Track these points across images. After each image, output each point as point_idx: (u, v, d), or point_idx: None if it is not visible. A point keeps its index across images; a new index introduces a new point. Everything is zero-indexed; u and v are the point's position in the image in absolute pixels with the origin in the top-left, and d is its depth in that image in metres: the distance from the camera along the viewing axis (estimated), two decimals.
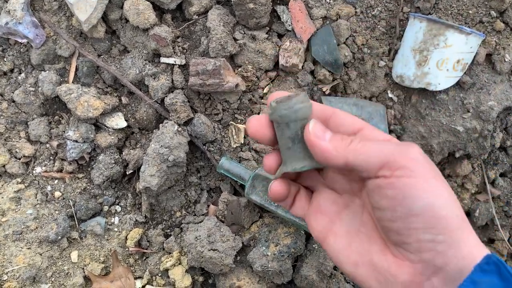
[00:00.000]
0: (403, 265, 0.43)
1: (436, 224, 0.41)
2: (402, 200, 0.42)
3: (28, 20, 1.04)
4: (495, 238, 1.12)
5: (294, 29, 1.02)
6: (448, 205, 0.42)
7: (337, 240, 0.50)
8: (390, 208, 0.43)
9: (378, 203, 0.45)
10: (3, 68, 1.10)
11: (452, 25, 0.94)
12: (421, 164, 0.43)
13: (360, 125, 0.50)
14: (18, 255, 1.02)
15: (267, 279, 1.05)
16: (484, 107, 1.00)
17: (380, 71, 1.06)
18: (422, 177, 0.42)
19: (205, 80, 1.00)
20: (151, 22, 1.01)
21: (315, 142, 0.47)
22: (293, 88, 1.05)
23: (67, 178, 1.10)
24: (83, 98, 1.03)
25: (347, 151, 0.45)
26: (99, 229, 1.08)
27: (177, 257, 1.07)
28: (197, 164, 1.13)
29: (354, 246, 0.49)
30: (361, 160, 0.44)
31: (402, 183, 0.42)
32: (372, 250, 0.47)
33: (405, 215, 0.42)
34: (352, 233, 0.50)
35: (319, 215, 0.53)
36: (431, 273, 0.42)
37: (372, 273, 0.46)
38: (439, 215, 0.41)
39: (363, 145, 0.45)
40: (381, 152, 0.44)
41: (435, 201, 0.41)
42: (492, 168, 1.10)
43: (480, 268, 0.40)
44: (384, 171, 0.43)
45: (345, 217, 0.52)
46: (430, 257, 0.42)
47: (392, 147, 0.44)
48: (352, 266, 0.48)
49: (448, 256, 0.41)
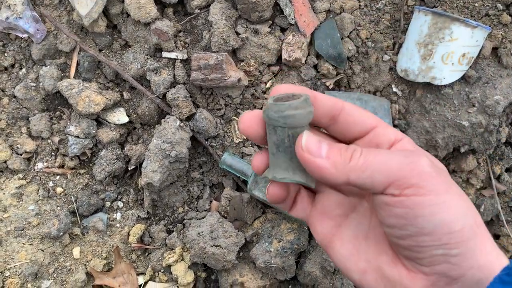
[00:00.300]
0: (416, 278, 0.41)
1: (450, 240, 0.38)
2: (412, 219, 0.39)
3: (28, 14, 1.03)
4: (501, 234, 1.11)
5: (297, 23, 1.00)
6: (462, 217, 0.39)
7: (343, 246, 0.47)
8: (399, 226, 0.40)
9: (386, 221, 0.41)
10: (4, 64, 1.09)
11: (457, 18, 0.92)
12: (432, 177, 0.39)
13: (373, 123, 0.46)
14: (20, 251, 1.02)
15: (270, 275, 1.04)
16: (489, 102, 0.99)
17: (384, 65, 1.05)
18: (433, 192, 0.39)
19: (207, 75, 0.99)
20: (153, 16, 1.00)
21: (310, 160, 0.42)
22: (296, 83, 1.04)
23: (69, 174, 1.10)
24: (85, 94, 1.02)
25: (348, 168, 0.40)
26: (101, 225, 1.08)
27: (180, 253, 1.06)
28: (199, 159, 1.12)
29: (362, 253, 0.46)
30: (365, 178, 0.40)
31: (412, 202, 0.38)
32: (381, 259, 0.44)
33: (416, 233, 0.39)
34: (360, 238, 0.47)
35: (324, 218, 0.50)
36: (444, 285, 0.40)
37: (381, 282, 0.44)
38: (452, 231, 0.38)
39: (366, 161, 0.40)
40: (387, 168, 0.39)
41: (448, 217, 0.38)
42: (497, 163, 1.09)
43: (500, 280, 0.38)
44: (392, 189, 0.39)
45: (352, 221, 0.48)
46: (444, 269, 0.39)
47: (399, 160, 0.40)
48: (360, 274, 0.45)
49: (463, 267, 0.39)
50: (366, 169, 0.40)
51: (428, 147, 1.06)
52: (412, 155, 0.40)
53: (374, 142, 0.46)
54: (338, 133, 0.48)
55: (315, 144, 0.42)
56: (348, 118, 0.46)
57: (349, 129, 0.46)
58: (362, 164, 0.40)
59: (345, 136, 0.48)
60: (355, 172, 0.40)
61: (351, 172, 0.40)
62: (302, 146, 0.42)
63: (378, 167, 0.39)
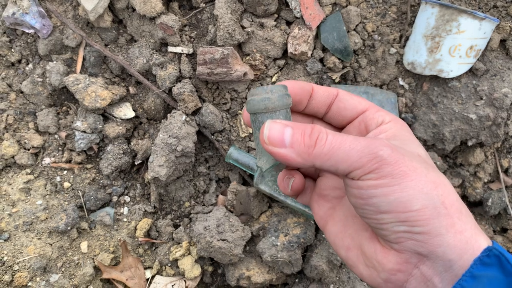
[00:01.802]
0: (389, 254, 0.43)
1: (408, 217, 0.40)
2: (367, 199, 0.41)
3: (34, 10, 1.04)
4: (508, 228, 1.10)
5: (303, 16, 1.00)
6: (421, 197, 0.40)
7: (335, 225, 0.50)
8: (358, 206, 0.42)
9: (350, 200, 0.44)
10: (11, 59, 1.10)
11: (465, 10, 0.91)
12: (389, 164, 0.40)
13: (364, 107, 0.48)
14: (28, 246, 1.02)
15: (277, 269, 1.04)
16: (497, 94, 0.98)
17: (391, 58, 1.04)
18: (389, 176, 0.40)
19: (213, 69, 0.99)
20: (158, 10, 1.00)
21: (273, 151, 0.43)
22: (302, 77, 1.04)
23: (76, 168, 1.10)
24: (91, 89, 1.02)
25: (313, 156, 0.42)
26: (108, 220, 1.08)
27: (187, 247, 1.06)
28: (205, 154, 1.12)
29: (349, 231, 0.48)
30: (329, 166, 0.42)
31: (366, 184, 0.41)
32: (362, 235, 0.46)
33: (374, 212, 0.41)
34: (349, 217, 0.49)
35: (321, 200, 0.52)
36: (417, 261, 0.41)
37: (361, 257, 0.45)
38: (410, 210, 0.39)
39: (330, 149, 0.42)
40: (348, 159, 0.41)
41: (403, 196, 0.40)
42: (505, 156, 1.08)
43: (481, 261, 0.38)
44: (352, 175, 0.41)
45: (345, 202, 0.51)
46: (411, 246, 0.40)
47: (360, 150, 0.41)
48: (345, 250, 0.47)
49: (430, 244, 0.40)
50: (330, 158, 0.41)
51: (436, 140, 1.05)
52: (374, 144, 0.41)
53: (363, 124, 0.48)
54: (333, 120, 0.50)
55: (277, 134, 0.43)
56: (340, 104, 0.48)
57: (342, 114, 0.48)
58: (326, 154, 0.42)
59: (340, 122, 0.50)
60: (319, 160, 0.42)
61: (315, 159, 0.42)
62: (265, 138, 0.43)
63: (340, 157, 0.41)
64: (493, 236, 1.10)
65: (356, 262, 0.46)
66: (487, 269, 0.37)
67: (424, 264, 0.41)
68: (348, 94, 0.48)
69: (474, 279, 0.37)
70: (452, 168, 1.11)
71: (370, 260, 0.44)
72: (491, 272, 0.37)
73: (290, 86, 0.47)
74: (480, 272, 0.37)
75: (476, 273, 0.37)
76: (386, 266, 0.43)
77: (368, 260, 0.44)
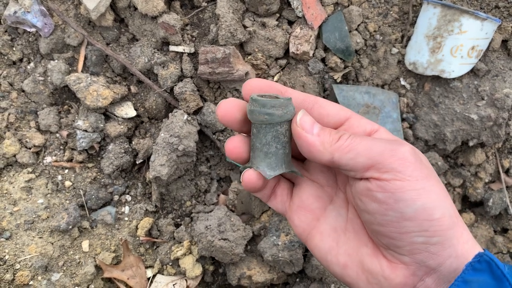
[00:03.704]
0: (397, 268, 0.42)
1: (430, 227, 0.39)
2: (393, 204, 0.40)
3: (36, 9, 1.03)
4: (509, 228, 1.11)
5: (305, 16, 1.00)
6: (441, 205, 0.40)
7: (323, 239, 0.48)
8: (381, 212, 0.41)
9: (367, 207, 0.42)
10: (12, 58, 1.10)
11: (467, 11, 0.91)
12: (411, 164, 0.41)
13: (347, 114, 0.47)
14: (30, 244, 1.03)
15: (278, 269, 1.04)
16: (499, 95, 0.98)
17: (392, 58, 1.04)
18: (413, 178, 0.40)
19: (215, 69, 0.99)
20: (160, 9, 1.00)
21: (301, 134, 0.44)
22: (304, 76, 1.04)
23: (77, 167, 1.10)
24: (92, 88, 1.02)
25: (334, 148, 0.42)
26: (109, 219, 1.08)
27: (188, 246, 1.07)
28: (206, 153, 1.12)
29: (342, 246, 0.46)
30: (348, 159, 0.42)
31: (393, 186, 0.40)
32: (362, 252, 0.45)
33: (397, 219, 0.40)
34: (339, 231, 0.48)
35: (302, 211, 0.50)
36: (423, 274, 0.41)
37: (362, 275, 0.44)
38: (432, 218, 0.39)
39: (351, 143, 0.42)
40: (370, 152, 0.41)
41: (429, 203, 0.40)
42: (506, 156, 1.08)
43: (472, 267, 0.39)
44: (372, 172, 0.41)
45: (330, 213, 0.49)
46: (423, 258, 0.40)
47: (382, 146, 0.41)
48: (341, 268, 0.46)
49: (442, 256, 0.40)
50: (350, 151, 0.42)
51: (437, 141, 1.06)
52: (395, 143, 0.42)
53: (350, 131, 0.47)
54: None
55: (309, 123, 0.44)
56: (321, 110, 0.48)
57: (324, 121, 0.47)
58: (347, 146, 0.42)
59: None
60: (339, 152, 0.42)
61: (336, 151, 0.42)
62: (297, 122, 0.44)
63: (361, 150, 0.42)
64: (494, 236, 1.10)
65: (356, 280, 0.45)
66: (478, 274, 0.38)
67: (430, 276, 0.41)
68: (327, 102, 0.48)
69: (465, 283, 0.38)
70: (453, 168, 1.11)
71: (375, 277, 0.43)
72: (482, 277, 0.38)
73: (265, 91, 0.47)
74: (471, 277, 0.38)
75: (467, 278, 0.38)
76: (393, 281, 0.42)
77: (373, 277, 0.43)
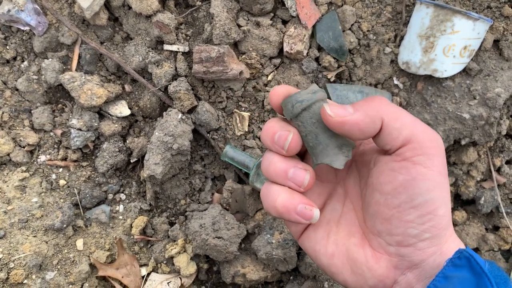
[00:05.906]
0: (381, 259, 0.43)
1: (429, 221, 0.40)
2: (410, 188, 0.40)
3: (30, 7, 1.03)
4: (500, 226, 1.12)
5: (299, 15, 1.00)
6: (447, 205, 0.41)
7: (316, 230, 0.48)
8: (393, 193, 0.41)
9: (383, 187, 0.42)
10: (6, 56, 1.10)
11: (459, 11, 0.92)
12: (440, 154, 0.41)
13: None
14: (24, 243, 1.03)
15: (272, 267, 1.05)
16: (490, 94, 0.99)
17: (385, 58, 1.05)
18: (437, 170, 0.40)
19: (209, 68, 0.99)
20: (154, 8, 1.00)
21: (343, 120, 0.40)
22: (297, 76, 1.04)
23: (72, 166, 1.10)
24: (87, 86, 1.02)
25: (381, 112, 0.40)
26: (104, 217, 1.08)
27: (182, 244, 1.07)
28: (201, 152, 1.12)
29: (332, 236, 0.47)
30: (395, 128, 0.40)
31: (418, 171, 0.40)
32: (350, 241, 0.46)
33: (405, 204, 0.40)
34: (332, 223, 0.48)
35: None
36: (405, 268, 0.42)
37: (347, 263, 0.45)
38: (436, 213, 0.40)
39: (398, 110, 0.40)
40: (415, 126, 0.40)
41: (439, 198, 0.40)
42: (498, 155, 1.10)
43: (452, 263, 0.40)
44: (405, 149, 0.40)
45: (327, 208, 0.49)
46: (408, 252, 0.41)
47: (425, 126, 0.41)
48: (328, 257, 0.46)
49: (426, 253, 0.41)
50: (397, 119, 0.40)
51: None
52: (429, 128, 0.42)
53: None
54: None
55: (340, 107, 0.41)
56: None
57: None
58: (394, 112, 0.40)
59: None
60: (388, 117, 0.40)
61: (385, 116, 0.40)
62: (329, 113, 0.40)
63: (407, 122, 0.40)
64: (485, 234, 1.12)
65: (341, 269, 0.45)
66: (458, 270, 0.39)
67: (412, 271, 0.42)
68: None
69: (446, 279, 0.39)
70: None
71: (359, 267, 0.44)
72: (462, 273, 0.39)
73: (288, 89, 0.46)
74: (451, 273, 0.39)
75: (448, 273, 0.39)
76: (376, 272, 0.43)
77: (357, 266, 0.44)
